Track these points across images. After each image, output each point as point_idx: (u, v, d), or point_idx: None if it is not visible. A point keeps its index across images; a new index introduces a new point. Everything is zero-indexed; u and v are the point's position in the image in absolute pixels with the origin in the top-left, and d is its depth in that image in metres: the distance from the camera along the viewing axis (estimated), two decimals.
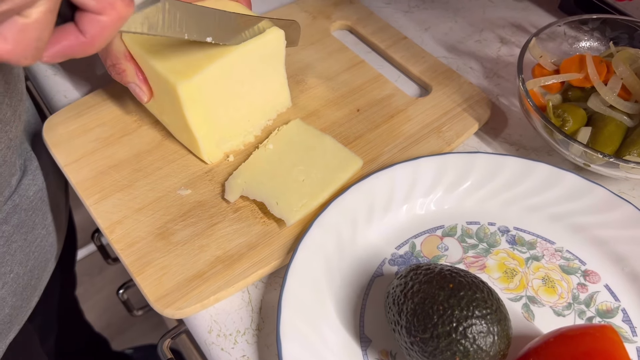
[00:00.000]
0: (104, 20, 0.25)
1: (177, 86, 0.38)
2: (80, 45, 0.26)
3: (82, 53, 0.27)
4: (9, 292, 0.41)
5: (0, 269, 0.41)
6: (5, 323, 0.41)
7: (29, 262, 0.44)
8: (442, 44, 0.56)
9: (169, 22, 0.34)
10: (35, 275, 0.46)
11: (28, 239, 0.44)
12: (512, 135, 0.48)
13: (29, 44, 0.23)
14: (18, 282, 0.43)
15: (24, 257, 0.43)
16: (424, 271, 0.33)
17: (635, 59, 0.45)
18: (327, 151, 0.44)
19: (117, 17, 0.25)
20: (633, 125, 0.43)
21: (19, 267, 0.43)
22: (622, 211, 0.40)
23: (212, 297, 0.37)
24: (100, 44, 0.26)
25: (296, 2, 0.58)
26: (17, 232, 0.43)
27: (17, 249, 0.43)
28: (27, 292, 0.44)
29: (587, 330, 0.31)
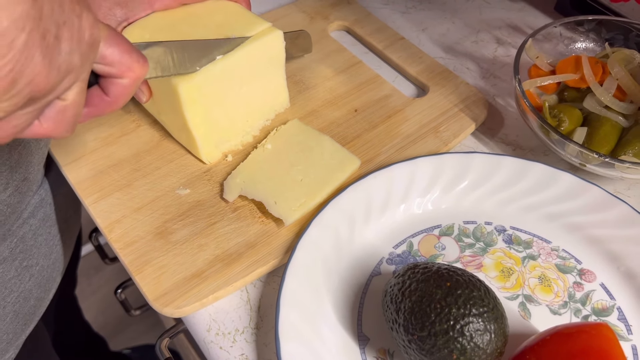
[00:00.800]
0: (125, 82, 0.29)
1: (178, 86, 0.38)
2: (106, 105, 0.29)
3: (109, 111, 0.30)
4: (34, 284, 0.42)
5: (28, 262, 0.41)
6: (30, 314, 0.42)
7: (52, 255, 0.45)
8: (439, 44, 0.56)
9: (178, 60, 0.37)
10: (57, 267, 0.46)
11: (52, 232, 0.45)
12: (509, 135, 0.49)
13: (68, 121, 0.27)
14: (42, 275, 0.43)
15: (47, 250, 0.44)
16: (422, 270, 0.33)
17: (630, 59, 0.46)
18: (325, 151, 0.44)
19: (135, 77, 0.29)
20: (628, 125, 0.44)
21: (44, 259, 0.43)
22: (618, 211, 0.40)
23: (211, 296, 0.37)
24: (124, 101, 0.30)
25: (294, 2, 0.58)
26: (42, 225, 0.44)
27: (43, 242, 0.43)
28: (49, 284, 0.45)
29: (583, 328, 0.31)
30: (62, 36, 0.23)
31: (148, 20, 0.41)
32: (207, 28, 0.41)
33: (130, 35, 0.40)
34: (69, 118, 0.27)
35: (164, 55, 0.35)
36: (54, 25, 0.22)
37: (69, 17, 0.23)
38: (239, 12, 0.42)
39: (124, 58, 0.28)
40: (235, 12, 0.42)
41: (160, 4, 0.41)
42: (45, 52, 0.22)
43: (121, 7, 0.40)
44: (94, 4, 0.39)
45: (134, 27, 0.40)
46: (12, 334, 0.40)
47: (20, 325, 0.41)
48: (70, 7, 0.23)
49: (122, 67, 0.28)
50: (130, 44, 0.28)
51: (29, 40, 0.21)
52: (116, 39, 0.27)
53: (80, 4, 0.24)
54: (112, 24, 0.40)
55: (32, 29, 0.21)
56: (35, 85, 0.23)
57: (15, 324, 0.40)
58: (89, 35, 0.24)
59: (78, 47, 0.24)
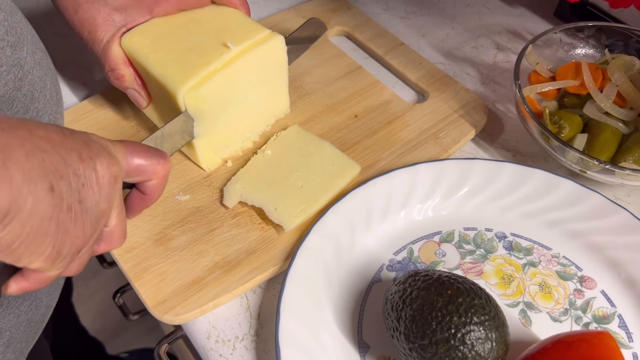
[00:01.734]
0: (155, 182, 0.32)
1: (177, 94, 0.38)
2: (146, 201, 0.33)
3: (152, 203, 0.33)
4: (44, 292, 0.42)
5: None
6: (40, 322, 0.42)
7: None
8: (439, 50, 0.56)
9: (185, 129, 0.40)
10: None
11: None
12: (509, 141, 0.49)
13: (120, 236, 0.31)
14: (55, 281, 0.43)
15: None
16: (423, 277, 0.33)
17: (630, 66, 0.46)
18: (325, 157, 0.44)
19: (163, 175, 0.32)
20: (628, 132, 0.44)
21: None
22: (618, 217, 0.40)
23: (210, 303, 0.37)
24: (160, 194, 0.33)
25: (294, 8, 0.58)
26: None
27: None
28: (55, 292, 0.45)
29: (584, 336, 0.31)
30: (85, 197, 0.25)
31: (147, 26, 0.41)
32: (206, 34, 0.40)
33: (130, 41, 0.40)
34: (118, 234, 0.30)
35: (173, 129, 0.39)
36: (75, 194, 0.25)
37: (86, 178, 0.25)
38: (238, 18, 0.42)
39: (147, 165, 0.31)
40: (235, 18, 0.42)
41: (160, 10, 0.41)
42: (75, 218, 0.25)
43: (120, 13, 0.40)
44: (92, 9, 0.39)
45: (134, 33, 0.40)
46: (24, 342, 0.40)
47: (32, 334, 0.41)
48: (84, 168, 0.25)
49: (148, 173, 0.31)
50: (148, 149, 0.31)
51: (59, 221, 0.24)
52: (134, 151, 0.30)
53: (92, 155, 0.26)
54: (111, 29, 0.40)
55: (58, 213, 0.24)
56: (77, 245, 0.26)
57: (28, 332, 0.40)
58: (108, 177, 0.27)
59: (101, 193, 0.26)
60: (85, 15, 0.39)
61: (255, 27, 0.41)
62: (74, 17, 0.40)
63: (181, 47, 0.40)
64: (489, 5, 0.62)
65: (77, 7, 0.39)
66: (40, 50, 0.37)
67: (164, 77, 0.38)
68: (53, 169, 0.24)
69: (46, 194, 0.23)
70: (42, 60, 0.37)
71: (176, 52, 0.39)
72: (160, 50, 0.39)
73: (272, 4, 0.60)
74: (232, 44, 0.39)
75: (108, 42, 0.40)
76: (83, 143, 0.26)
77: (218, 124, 0.42)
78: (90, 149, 0.26)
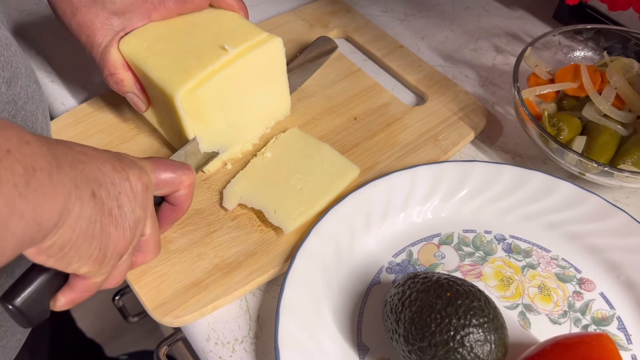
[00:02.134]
0: (184, 192, 0.34)
1: (175, 97, 0.38)
2: (177, 212, 0.35)
3: (182, 214, 0.36)
4: None
5: None
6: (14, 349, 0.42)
7: None
8: (438, 52, 0.57)
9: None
10: None
11: None
12: (508, 144, 0.49)
13: (155, 245, 0.33)
14: None
15: None
16: (422, 280, 0.33)
17: (628, 68, 0.46)
18: (324, 159, 0.44)
19: (188, 186, 0.34)
20: (627, 134, 0.44)
21: None
22: (617, 220, 0.40)
23: (210, 305, 0.37)
24: (188, 204, 0.35)
25: (293, 10, 0.58)
26: None
27: None
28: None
29: (583, 338, 0.31)
30: (122, 203, 0.28)
31: (145, 29, 0.41)
32: (204, 37, 0.41)
33: (128, 45, 0.40)
34: (153, 244, 0.32)
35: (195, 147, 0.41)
36: (114, 200, 0.27)
37: (121, 186, 0.28)
38: (237, 21, 0.42)
39: (174, 177, 0.33)
40: (233, 21, 0.42)
41: (158, 15, 0.41)
42: (115, 222, 0.27)
43: (118, 17, 0.40)
44: (90, 13, 0.39)
45: (132, 37, 0.40)
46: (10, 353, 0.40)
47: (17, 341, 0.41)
48: (119, 177, 0.28)
49: (175, 184, 0.33)
50: (172, 163, 0.33)
51: (102, 224, 0.26)
52: (160, 165, 0.32)
53: (124, 167, 0.29)
54: (110, 34, 0.40)
55: (101, 216, 0.26)
56: (119, 249, 0.28)
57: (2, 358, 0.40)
58: (141, 186, 0.29)
59: (136, 201, 0.29)
60: (83, 19, 0.39)
61: (254, 30, 0.42)
62: (72, 21, 0.40)
63: (179, 50, 0.40)
64: (488, 8, 0.62)
65: (75, 11, 0.39)
66: (34, 82, 0.38)
67: (161, 81, 0.38)
68: (92, 177, 0.26)
69: (90, 199, 0.25)
70: (35, 93, 0.37)
71: (174, 56, 0.39)
72: (159, 54, 0.39)
73: (271, 7, 0.60)
74: (230, 47, 0.40)
75: (106, 46, 0.39)
76: (115, 157, 0.29)
77: (215, 124, 0.42)
78: (122, 162, 0.29)
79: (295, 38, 0.55)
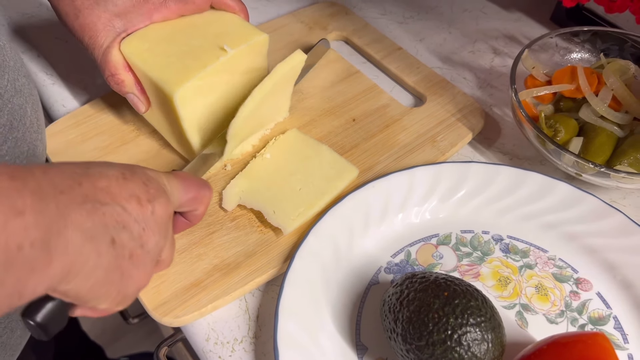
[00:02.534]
0: (201, 210, 0.33)
1: (173, 95, 0.38)
2: (189, 225, 0.34)
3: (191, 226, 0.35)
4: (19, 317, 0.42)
5: None
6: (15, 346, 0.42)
7: None
8: (436, 54, 0.57)
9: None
10: None
11: None
12: (506, 145, 0.49)
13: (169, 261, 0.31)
14: None
15: None
16: (419, 279, 0.33)
17: (625, 70, 0.46)
18: (323, 160, 0.44)
19: (208, 202, 0.33)
20: (623, 135, 0.44)
21: None
22: (614, 220, 0.40)
23: (209, 305, 0.37)
24: (200, 219, 0.34)
25: (293, 13, 0.59)
26: None
27: None
28: None
29: (579, 337, 0.31)
30: (145, 241, 0.26)
31: (147, 31, 0.41)
32: (204, 38, 0.41)
33: (129, 46, 0.40)
34: (168, 262, 0.31)
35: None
36: (137, 240, 0.25)
37: (146, 222, 0.26)
38: (237, 23, 0.43)
39: (196, 198, 0.32)
40: (233, 23, 0.43)
41: (159, 16, 0.42)
42: (137, 263, 0.25)
43: (120, 19, 0.40)
44: (92, 14, 0.40)
45: (133, 38, 0.41)
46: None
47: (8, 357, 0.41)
48: (144, 213, 0.26)
49: (195, 204, 0.32)
50: (198, 182, 0.32)
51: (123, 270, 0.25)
52: (188, 185, 0.31)
53: (150, 198, 0.26)
54: (111, 34, 0.40)
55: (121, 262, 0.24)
56: (140, 286, 0.27)
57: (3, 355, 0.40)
58: (166, 217, 0.28)
59: (160, 233, 0.27)
60: (85, 20, 0.40)
61: (253, 31, 0.42)
62: (74, 22, 0.40)
63: (180, 51, 0.40)
64: (485, 10, 0.62)
65: (77, 12, 0.40)
66: (23, 76, 0.38)
67: (161, 81, 0.39)
68: (114, 222, 0.24)
69: (108, 247, 0.24)
70: (24, 87, 0.37)
71: (174, 56, 0.40)
72: (159, 55, 0.40)
73: (271, 10, 0.61)
74: (229, 47, 0.40)
75: (108, 47, 0.40)
76: (142, 185, 0.27)
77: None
78: (149, 191, 0.27)
79: (295, 40, 0.56)
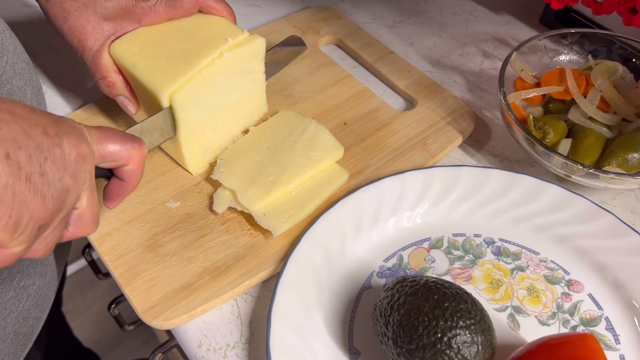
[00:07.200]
0: (132, 167, 0.32)
1: (160, 95, 0.38)
2: (125, 188, 0.33)
3: (131, 191, 0.34)
4: (32, 304, 0.42)
5: (26, 282, 0.41)
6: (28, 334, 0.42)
7: (47, 274, 0.45)
8: (427, 58, 0.57)
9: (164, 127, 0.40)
10: (52, 286, 0.46)
11: None
12: (496, 147, 0.49)
13: (89, 220, 0.30)
14: (39, 294, 0.43)
15: (43, 269, 0.44)
16: (410, 283, 0.33)
17: (613, 71, 0.46)
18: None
19: (138, 160, 0.32)
20: (612, 136, 0.44)
21: (40, 279, 0.43)
22: (604, 221, 0.41)
23: (199, 308, 0.37)
24: (139, 179, 0.33)
25: (285, 17, 0.59)
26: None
27: (38, 261, 0.43)
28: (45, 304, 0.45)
29: (568, 339, 0.31)
30: (47, 170, 0.25)
31: (135, 34, 0.42)
32: (193, 42, 0.41)
33: (119, 49, 0.41)
34: (88, 219, 0.30)
35: (152, 125, 0.39)
36: (36, 165, 0.25)
37: (49, 152, 0.25)
38: (225, 26, 0.43)
39: (122, 150, 0.31)
40: (221, 26, 0.43)
41: (148, 20, 0.42)
42: (34, 190, 0.25)
43: (109, 22, 0.41)
44: (81, 17, 0.40)
45: (123, 41, 0.41)
46: (12, 354, 0.40)
47: (20, 346, 0.41)
48: (48, 142, 0.25)
49: (124, 158, 0.31)
50: (122, 135, 0.31)
51: (14, 189, 0.24)
52: (108, 136, 0.30)
53: (58, 132, 0.26)
54: (101, 38, 0.40)
55: (15, 181, 0.24)
56: (37, 218, 0.25)
57: (16, 344, 0.40)
58: (75, 155, 0.27)
59: (66, 170, 0.26)
60: (74, 23, 0.40)
61: (238, 32, 0.42)
62: (63, 25, 0.40)
63: (168, 54, 0.40)
64: (475, 14, 0.63)
65: (66, 15, 0.40)
66: (23, 61, 0.38)
67: (150, 83, 0.39)
68: (11, 138, 0.24)
69: (1, 159, 0.23)
70: (24, 71, 0.37)
71: (163, 59, 0.40)
72: (148, 58, 0.40)
73: (261, 16, 0.61)
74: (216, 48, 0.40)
75: (98, 50, 0.40)
76: (52, 121, 0.26)
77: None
78: (59, 127, 0.26)
79: None
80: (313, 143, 0.45)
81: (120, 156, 0.31)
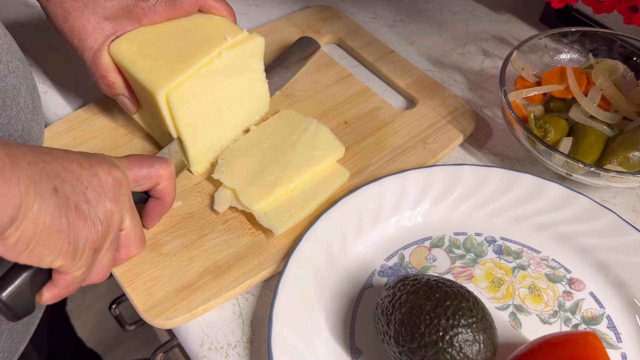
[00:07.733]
0: (164, 184, 0.36)
1: (157, 95, 0.38)
2: (162, 205, 0.37)
3: (168, 207, 0.38)
4: None
5: None
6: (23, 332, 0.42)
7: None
8: (427, 57, 0.57)
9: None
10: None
11: None
12: (497, 146, 0.49)
13: (137, 238, 0.33)
14: None
15: None
16: (411, 282, 0.33)
17: (614, 70, 0.46)
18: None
19: (168, 178, 0.36)
20: (613, 134, 0.44)
21: None
22: (605, 220, 0.41)
23: (200, 308, 0.37)
24: (172, 195, 0.37)
25: (286, 17, 0.59)
26: None
27: None
28: None
29: (570, 337, 0.32)
30: (90, 197, 0.28)
31: (135, 34, 0.42)
32: (192, 41, 0.41)
33: (118, 49, 0.41)
34: (134, 238, 0.33)
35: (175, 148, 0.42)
36: (80, 195, 0.28)
37: (89, 182, 0.29)
38: (224, 25, 0.43)
39: (152, 171, 0.34)
40: (221, 25, 0.43)
41: (148, 20, 0.42)
42: (84, 216, 0.28)
43: (109, 22, 0.41)
44: (82, 17, 0.40)
45: (122, 41, 0.41)
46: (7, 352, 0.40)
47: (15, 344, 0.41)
48: (86, 174, 0.29)
49: (154, 177, 0.35)
50: (149, 157, 0.35)
51: (69, 219, 0.27)
52: (137, 161, 0.34)
53: (92, 164, 0.29)
54: (101, 37, 0.40)
55: (66, 211, 0.27)
56: (91, 241, 0.28)
57: (10, 342, 0.40)
58: (111, 180, 0.30)
59: (106, 195, 0.29)
60: (75, 23, 0.40)
61: (238, 31, 0.42)
62: (64, 24, 0.40)
63: (167, 53, 0.40)
64: (475, 13, 0.63)
65: (67, 15, 0.40)
66: (17, 60, 0.38)
67: (147, 82, 0.39)
68: (55, 174, 0.27)
69: (51, 194, 0.26)
70: (18, 69, 0.38)
71: (162, 59, 0.40)
72: (147, 57, 0.40)
73: (262, 15, 0.61)
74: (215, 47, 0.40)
75: (98, 49, 0.40)
76: (84, 156, 0.29)
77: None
78: (91, 160, 0.29)
79: (288, 44, 0.56)
80: (314, 142, 0.45)
81: (150, 176, 0.34)
